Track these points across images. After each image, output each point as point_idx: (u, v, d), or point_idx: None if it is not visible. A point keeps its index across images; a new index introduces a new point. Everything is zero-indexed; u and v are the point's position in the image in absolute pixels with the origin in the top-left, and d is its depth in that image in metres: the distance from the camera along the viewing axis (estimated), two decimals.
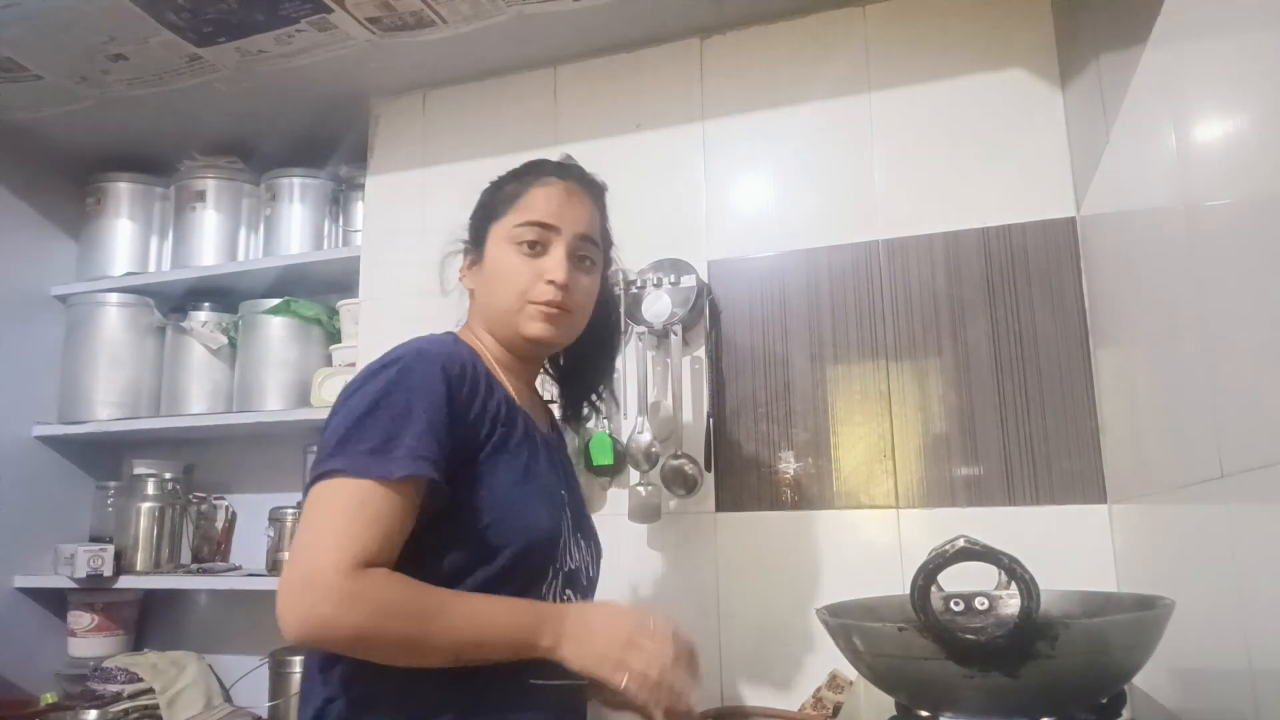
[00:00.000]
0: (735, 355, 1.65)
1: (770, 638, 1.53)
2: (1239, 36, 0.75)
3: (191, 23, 1.62)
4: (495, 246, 1.06)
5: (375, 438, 0.86)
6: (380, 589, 0.82)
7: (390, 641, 0.83)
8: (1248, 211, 0.74)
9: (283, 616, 0.81)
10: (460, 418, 0.92)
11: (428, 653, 0.85)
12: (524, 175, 1.09)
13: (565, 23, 1.69)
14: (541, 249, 1.04)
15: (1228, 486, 0.82)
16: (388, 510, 0.85)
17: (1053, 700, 0.77)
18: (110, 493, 2.18)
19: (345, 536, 0.82)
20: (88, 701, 1.85)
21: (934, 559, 0.76)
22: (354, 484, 0.84)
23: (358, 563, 0.81)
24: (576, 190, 1.09)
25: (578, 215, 1.07)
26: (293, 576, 0.82)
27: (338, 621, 0.80)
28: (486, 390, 0.97)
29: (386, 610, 0.82)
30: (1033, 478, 1.44)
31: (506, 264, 1.04)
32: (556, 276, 1.02)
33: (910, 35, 1.63)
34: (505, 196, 1.07)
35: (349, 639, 0.82)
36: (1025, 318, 1.49)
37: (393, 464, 0.85)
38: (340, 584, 0.80)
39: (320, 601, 0.80)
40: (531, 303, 1.03)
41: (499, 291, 1.04)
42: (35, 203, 2.16)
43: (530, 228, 1.03)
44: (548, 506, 0.99)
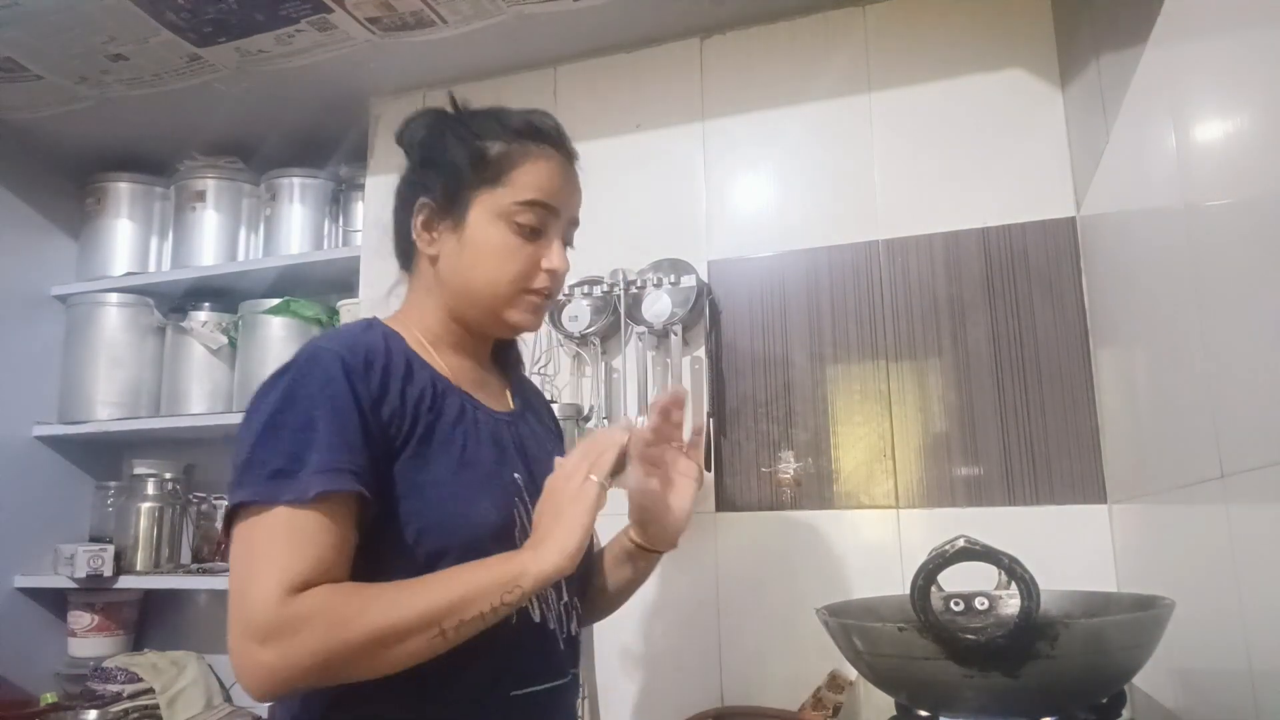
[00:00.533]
0: (735, 355, 1.65)
1: (770, 638, 1.53)
2: (1239, 36, 0.75)
3: (191, 23, 1.62)
4: (484, 221, 0.93)
5: (278, 459, 0.77)
6: (323, 601, 0.74)
7: (360, 648, 0.74)
8: (1248, 211, 0.74)
9: (240, 678, 0.74)
10: (372, 415, 0.83)
11: (408, 642, 0.76)
12: (518, 138, 0.95)
13: (565, 23, 1.69)
14: (539, 233, 0.94)
15: (1228, 486, 0.82)
16: (313, 532, 0.76)
17: (1053, 700, 0.77)
18: (110, 493, 2.18)
19: (272, 568, 0.74)
20: (88, 701, 1.84)
21: (934, 559, 0.76)
22: (270, 515, 0.76)
23: (290, 589, 0.73)
24: (570, 166, 1.00)
25: (575, 197, 1.00)
26: (233, 633, 0.74)
27: (292, 654, 0.72)
28: (404, 377, 0.88)
29: (338, 619, 0.74)
30: (1033, 478, 1.44)
31: (500, 245, 0.93)
32: (558, 266, 0.95)
33: (910, 35, 1.63)
34: (496, 160, 0.94)
35: (315, 666, 0.73)
36: (1025, 318, 1.49)
37: (303, 484, 0.76)
38: (278, 615, 0.72)
39: (264, 642, 0.72)
40: (526, 290, 0.94)
41: (485, 273, 0.93)
42: (35, 203, 2.16)
43: (533, 210, 0.93)
44: (492, 495, 0.89)
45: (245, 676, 0.74)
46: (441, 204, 0.94)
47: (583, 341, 1.69)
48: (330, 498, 0.77)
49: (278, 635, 0.72)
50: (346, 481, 0.78)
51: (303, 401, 0.80)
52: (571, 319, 1.67)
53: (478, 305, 0.95)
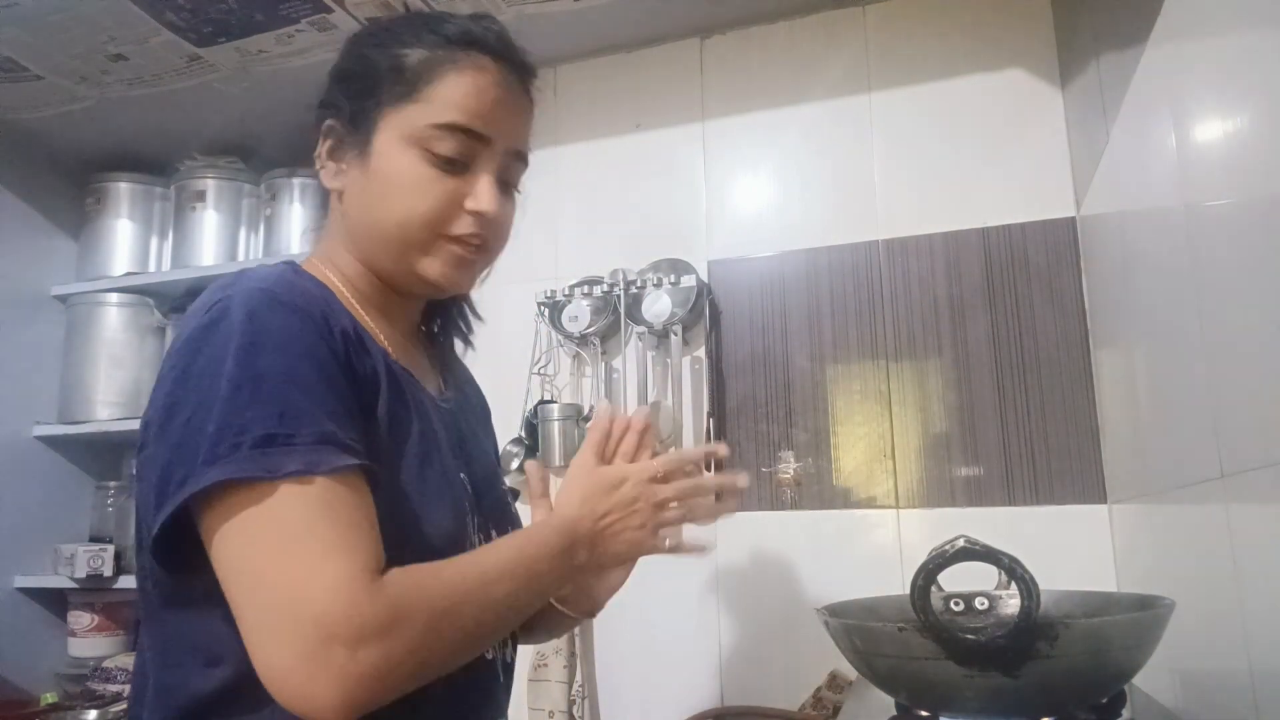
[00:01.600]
0: (735, 355, 1.65)
1: (770, 638, 1.53)
2: (1239, 36, 0.75)
3: (191, 23, 1.62)
4: (392, 144, 0.75)
5: (262, 422, 0.60)
6: (414, 584, 0.62)
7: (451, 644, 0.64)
8: (1248, 211, 0.74)
9: (312, 695, 0.56)
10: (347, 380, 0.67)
11: (487, 635, 0.69)
12: (446, 45, 0.76)
13: (565, 23, 1.69)
14: (462, 165, 0.75)
15: (1228, 486, 0.82)
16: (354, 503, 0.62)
17: (1053, 700, 0.77)
18: (110, 493, 2.17)
19: (333, 552, 0.59)
20: (88, 701, 1.84)
21: (934, 559, 0.76)
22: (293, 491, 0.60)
23: (373, 574, 0.60)
24: (516, 85, 0.80)
25: (516, 123, 0.79)
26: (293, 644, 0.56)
27: (397, 652, 0.58)
28: (356, 342, 0.70)
29: (435, 610, 0.62)
30: (1032, 477, 1.44)
31: (410, 176, 0.74)
32: (485, 207, 0.75)
33: (910, 35, 1.63)
34: (414, 70, 0.75)
35: (419, 664, 0.61)
36: (1025, 318, 1.49)
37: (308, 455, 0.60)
38: (372, 607, 0.58)
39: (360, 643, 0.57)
40: (444, 236, 0.76)
41: (393, 211, 0.75)
42: (35, 203, 2.16)
43: (453, 135, 0.74)
44: (450, 500, 0.75)
45: (325, 691, 0.56)
46: (347, 126, 0.78)
47: (583, 341, 1.69)
48: (345, 474, 0.62)
49: (378, 631, 0.57)
50: (353, 457, 0.63)
51: (273, 359, 0.63)
52: (571, 319, 1.67)
53: (387, 252, 0.77)
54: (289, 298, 0.67)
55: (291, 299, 0.67)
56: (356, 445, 0.64)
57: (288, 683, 0.57)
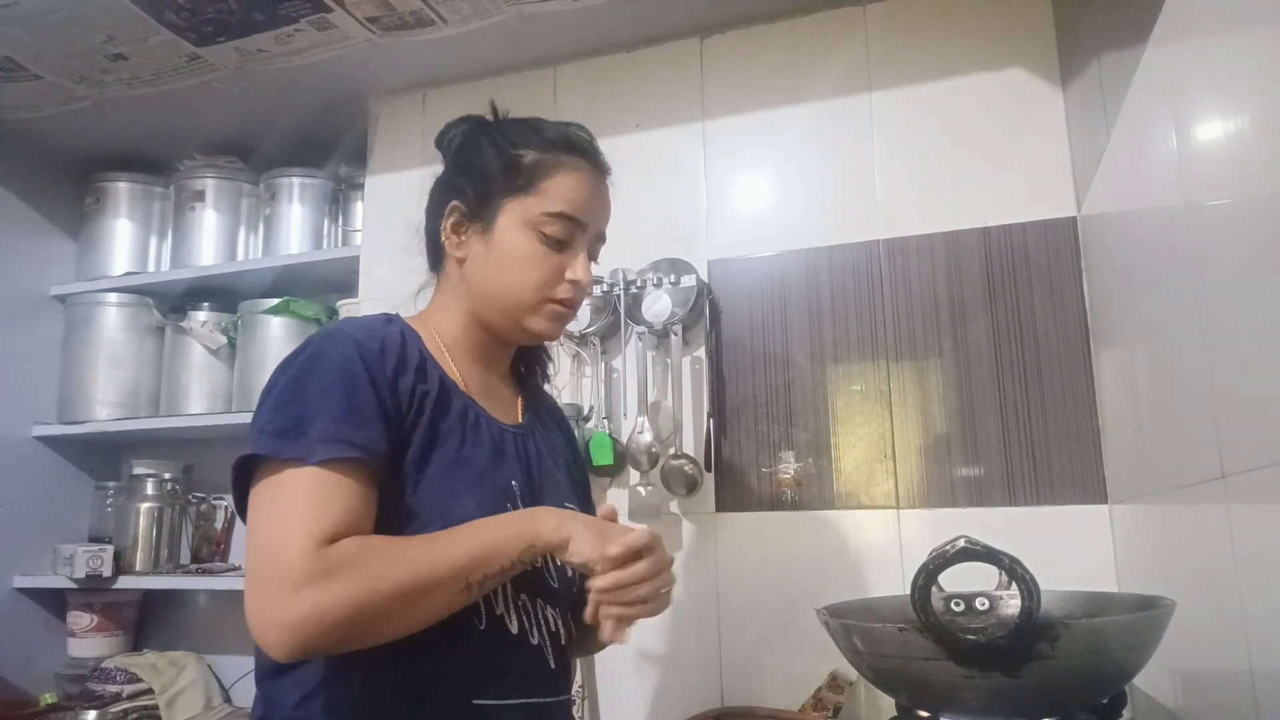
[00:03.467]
0: (735, 355, 1.65)
1: (770, 638, 1.53)
2: (1239, 36, 0.75)
3: (191, 22, 1.61)
4: (512, 227, 0.94)
5: (285, 421, 0.79)
6: (356, 550, 0.75)
7: (393, 598, 0.75)
8: (1248, 211, 0.74)
9: (264, 634, 0.73)
10: (389, 395, 0.84)
11: (437, 594, 0.77)
12: (552, 149, 0.96)
13: (565, 22, 1.69)
14: (565, 244, 0.95)
15: (1228, 486, 0.82)
16: (337, 489, 0.78)
17: (1053, 701, 0.77)
18: (109, 493, 2.18)
19: (301, 521, 0.75)
20: (87, 702, 1.84)
21: (934, 559, 0.76)
22: (292, 474, 0.77)
23: (322, 539, 0.74)
24: (602, 182, 0.99)
25: (604, 212, 1.00)
26: (258, 588, 0.74)
27: (326, 603, 0.72)
28: (417, 371, 0.89)
29: (373, 568, 0.74)
30: (1033, 478, 1.44)
31: (526, 253, 0.94)
32: (582, 278, 0.95)
33: (911, 34, 1.63)
34: (529, 168, 0.95)
35: (347, 616, 0.73)
36: (1026, 317, 1.49)
37: (307, 446, 0.78)
38: (311, 563, 0.73)
39: (297, 590, 0.72)
40: (549, 300, 0.95)
41: (511, 279, 0.94)
42: (34, 202, 2.16)
43: (560, 222, 0.94)
44: (480, 495, 0.88)
45: (272, 630, 0.72)
46: (472, 208, 0.96)
47: (583, 341, 1.69)
48: (340, 464, 0.78)
49: (311, 582, 0.72)
50: (352, 450, 0.79)
51: (317, 376, 0.82)
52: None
53: (500, 310, 0.96)
54: (357, 336, 0.86)
55: (358, 337, 0.86)
56: (362, 443, 0.80)
57: (251, 625, 0.74)
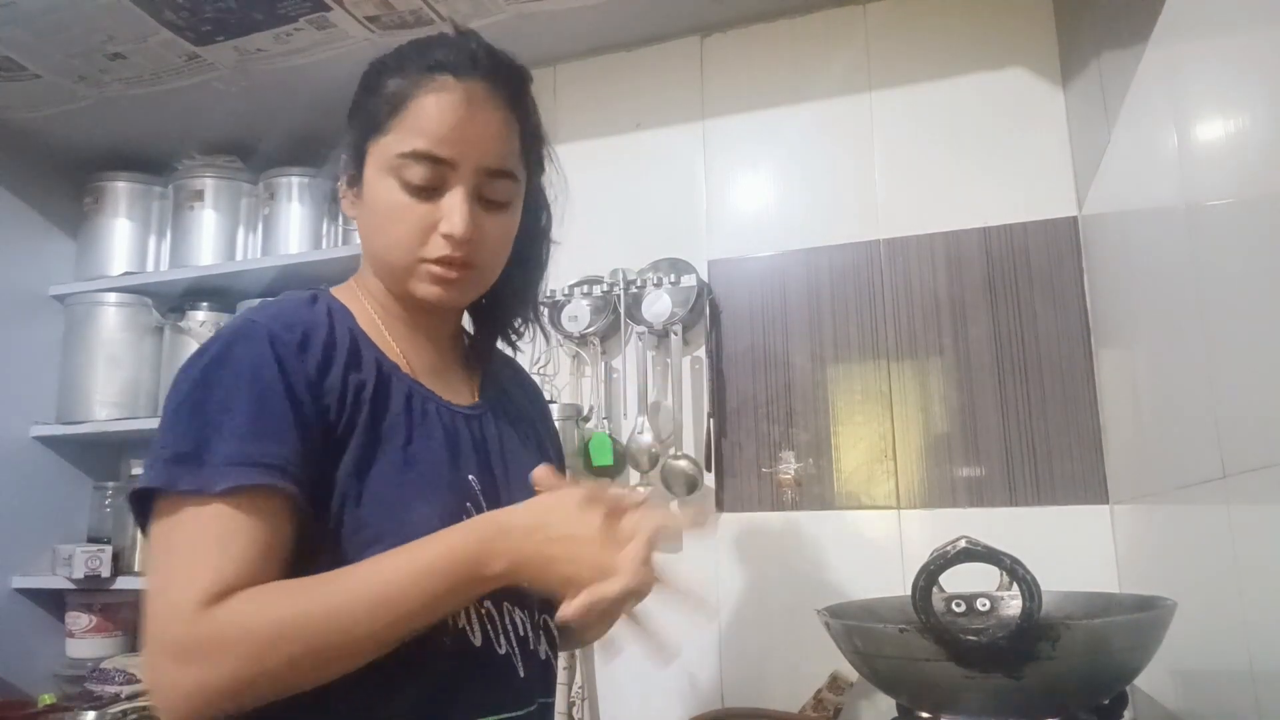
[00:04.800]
0: (735, 355, 1.65)
1: (770, 638, 1.53)
2: (1240, 36, 0.75)
3: (190, 21, 1.61)
4: (375, 177, 0.79)
5: (184, 443, 0.68)
6: (242, 614, 0.64)
7: (287, 668, 0.65)
8: (1249, 211, 0.74)
9: (154, 698, 0.65)
10: (310, 400, 0.72)
11: (344, 657, 0.67)
12: (411, 64, 0.78)
13: (565, 21, 1.69)
14: (434, 189, 0.77)
15: (1229, 486, 0.81)
16: (234, 531, 0.66)
17: (1054, 701, 0.77)
18: (108, 493, 2.17)
19: (188, 574, 0.65)
20: (86, 702, 1.84)
21: (935, 560, 0.76)
22: (187, 512, 0.66)
23: (206, 599, 0.64)
24: (483, 96, 0.78)
25: (483, 138, 0.77)
26: (148, 646, 0.65)
27: (210, 679, 0.63)
28: (348, 358, 0.76)
29: (260, 639, 0.64)
30: (1034, 478, 1.44)
31: (389, 206, 0.77)
32: (454, 230, 0.76)
33: (911, 34, 1.63)
34: (388, 98, 0.78)
35: (236, 690, 0.64)
36: (1026, 317, 1.49)
37: (208, 475, 0.66)
38: (193, 632, 0.63)
39: (180, 662, 0.63)
40: (422, 260, 0.78)
41: (382, 240, 0.80)
42: (33, 202, 2.15)
43: (418, 162, 0.76)
44: (438, 498, 0.76)
45: (159, 698, 0.65)
46: (350, 161, 0.83)
47: (582, 341, 1.69)
48: (248, 492, 0.67)
49: (194, 655, 0.63)
50: (262, 475, 0.67)
51: (222, 382, 0.70)
52: (571, 319, 1.67)
53: (386, 276, 0.82)
54: (270, 328, 0.73)
55: (274, 329, 0.73)
56: (276, 464, 0.68)
57: (146, 680, 0.68)
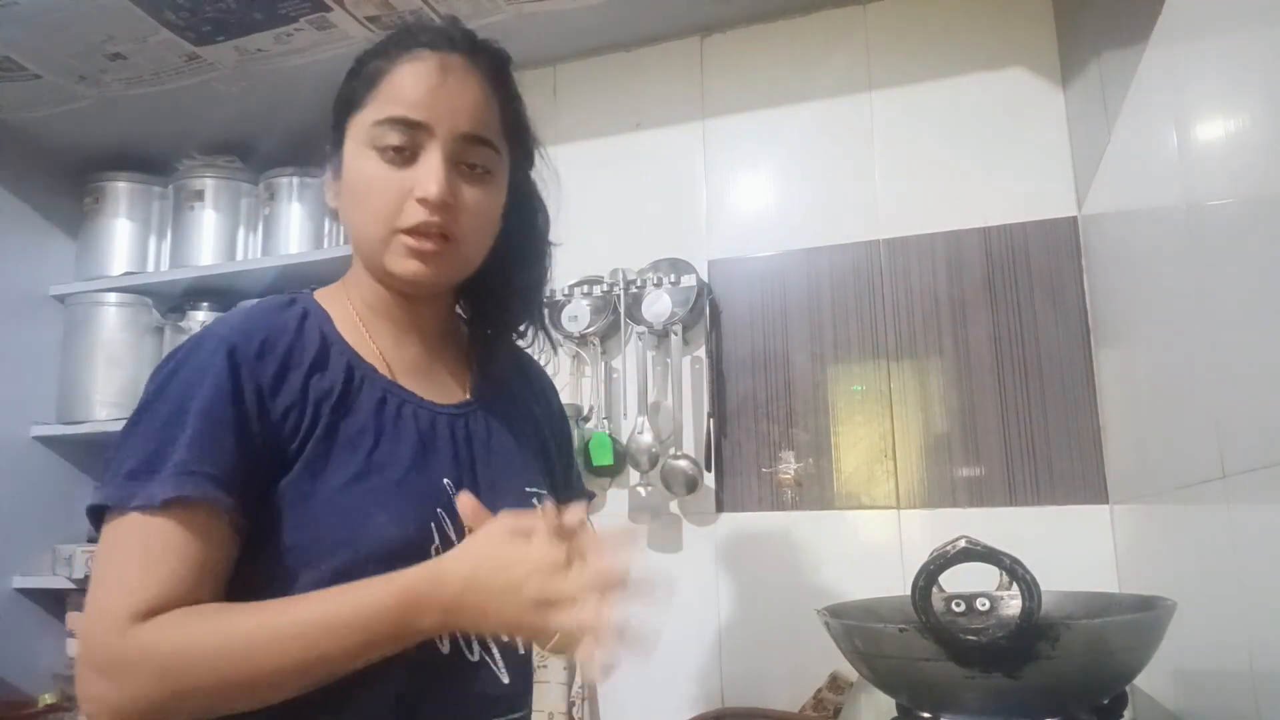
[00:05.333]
0: (735, 355, 1.65)
1: (770, 638, 1.53)
2: (1240, 36, 0.75)
3: (190, 22, 1.61)
4: (352, 153, 0.78)
5: (137, 458, 0.68)
6: (160, 636, 0.64)
7: (197, 694, 0.65)
8: (1249, 211, 0.74)
9: (81, 706, 0.66)
10: (257, 411, 0.70)
11: (262, 693, 0.66)
12: (391, 46, 0.79)
13: (565, 22, 1.69)
14: (410, 155, 0.76)
15: (1229, 487, 0.81)
16: (167, 546, 0.66)
17: (1054, 701, 0.77)
18: None
19: (119, 589, 0.65)
20: None
21: (935, 559, 0.76)
22: (124, 523, 0.67)
23: (134, 616, 0.64)
24: (459, 67, 0.78)
25: (459, 104, 0.77)
26: (78, 658, 0.66)
27: (127, 695, 0.64)
28: (312, 365, 0.74)
29: (177, 663, 0.64)
30: (1034, 478, 1.44)
31: (365, 177, 0.76)
32: (428, 192, 0.74)
33: (911, 34, 1.63)
34: (367, 77, 0.79)
35: (146, 710, 0.64)
36: (1026, 317, 1.49)
37: (155, 486, 0.66)
38: (116, 647, 0.64)
39: (103, 675, 0.64)
40: (399, 230, 0.75)
41: (360, 215, 0.78)
42: (33, 202, 2.15)
43: (395, 129, 0.75)
44: (398, 506, 0.73)
45: (86, 709, 0.65)
46: (332, 147, 0.82)
47: (582, 341, 1.69)
48: (186, 505, 0.66)
49: (114, 671, 0.64)
50: (201, 487, 0.66)
51: (176, 393, 0.70)
52: (571, 319, 1.67)
53: (366, 256, 0.80)
54: (232, 337, 0.72)
55: (233, 339, 0.72)
56: (218, 475, 0.67)
57: (79, 700, 0.66)
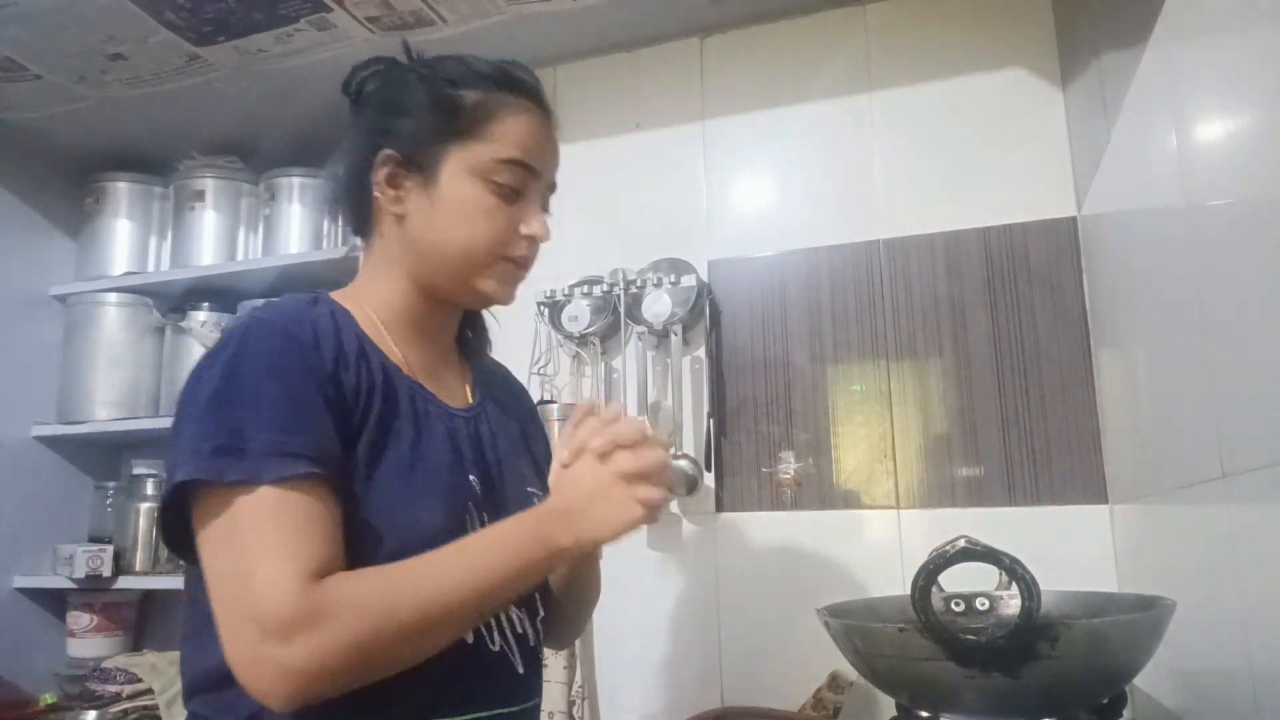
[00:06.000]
0: (735, 355, 1.65)
1: (770, 638, 1.53)
2: (1239, 36, 0.75)
3: (190, 22, 1.61)
4: (458, 177, 0.84)
5: (221, 435, 0.70)
6: (349, 589, 0.68)
7: (396, 639, 0.68)
8: (1248, 211, 0.74)
9: (256, 684, 0.65)
10: (328, 390, 0.75)
11: (443, 629, 0.72)
12: (495, 88, 0.86)
13: (565, 22, 1.69)
14: (518, 195, 0.85)
15: (1229, 486, 0.82)
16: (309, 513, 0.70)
17: (1054, 701, 0.77)
18: (109, 493, 2.17)
19: (277, 554, 0.67)
20: (87, 702, 1.84)
21: (935, 559, 0.76)
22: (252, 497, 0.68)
23: (309, 575, 0.66)
24: (550, 126, 0.90)
25: (555, 158, 0.91)
26: (239, 636, 0.66)
27: (325, 647, 0.65)
28: (357, 357, 0.80)
29: (371, 609, 0.67)
30: (1033, 478, 1.44)
31: (477, 206, 0.84)
32: (538, 232, 0.86)
33: (911, 34, 1.63)
34: (473, 110, 0.85)
35: (352, 659, 0.66)
36: (1026, 318, 1.49)
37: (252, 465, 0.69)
38: (301, 605, 0.65)
39: (288, 638, 0.64)
40: (503, 257, 0.86)
41: (461, 235, 0.84)
42: (34, 202, 2.16)
43: (515, 170, 0.84)
44: (442, 498, 0.81)
45: (265, 683, 0.65)
46: (408, 156, 0.85)
47: (582, 341, 1.69)
48: (301, 481, 0.70)
49: (304, 628, 0.64)
50: (303, 465, 0.70)
51: (246, 378, 0.72)
52: (571, 319, 1.67)
53: (448, 271, 0.86)
54: (282, 324, 0.77)
55: (285, 325, 0.77)
56: (313, 455, 0.71)
57: (240, 674, 0.66)
